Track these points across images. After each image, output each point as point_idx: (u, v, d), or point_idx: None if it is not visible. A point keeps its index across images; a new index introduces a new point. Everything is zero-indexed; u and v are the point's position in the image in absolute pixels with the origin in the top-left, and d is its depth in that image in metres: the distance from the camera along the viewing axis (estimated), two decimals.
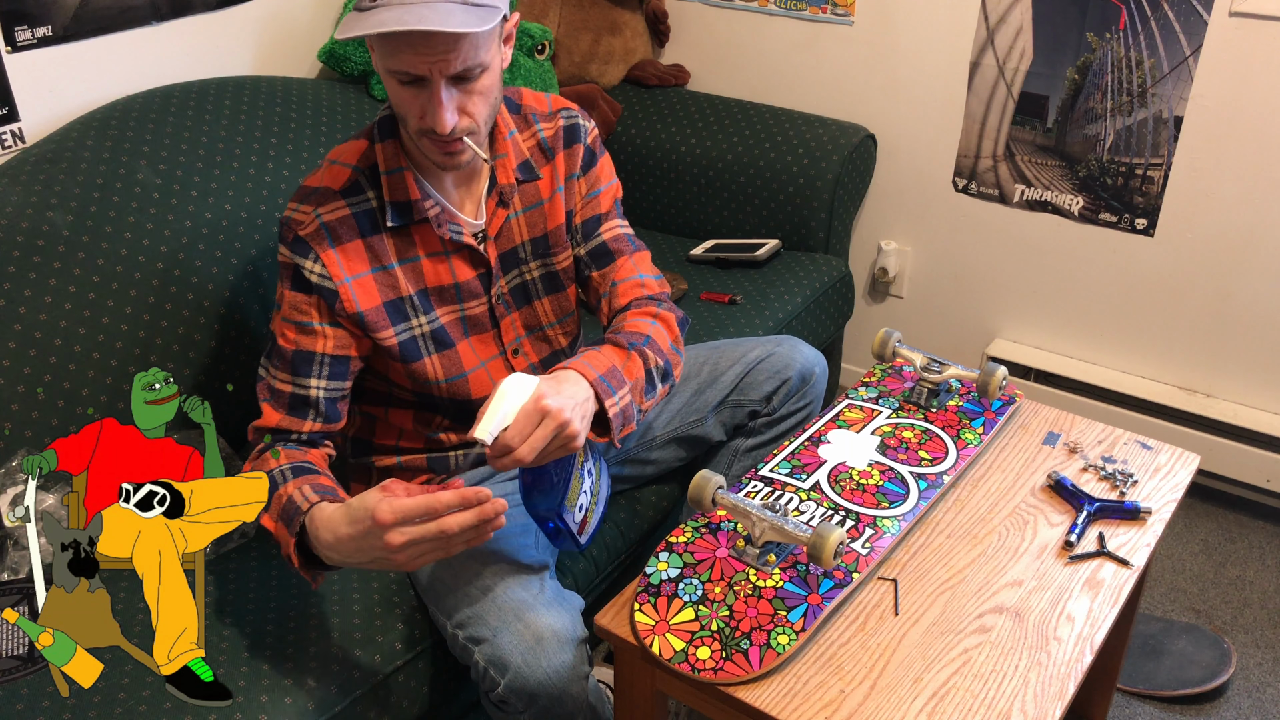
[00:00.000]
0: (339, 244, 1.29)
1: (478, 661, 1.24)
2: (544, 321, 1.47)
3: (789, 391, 1.59)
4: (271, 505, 1.21)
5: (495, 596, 1.26)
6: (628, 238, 1.49)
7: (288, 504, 1.19)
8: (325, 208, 1.29)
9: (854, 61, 2.34)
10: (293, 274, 1.30)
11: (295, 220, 1.29)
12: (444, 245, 1.35)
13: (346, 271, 1.29)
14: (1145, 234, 2.13)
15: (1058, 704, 1.12)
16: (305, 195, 1.31)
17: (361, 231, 1.30)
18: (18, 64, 1.68)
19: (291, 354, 1.30)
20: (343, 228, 1.29)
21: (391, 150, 1.31)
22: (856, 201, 2.34)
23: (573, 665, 1.23)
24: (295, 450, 1.29)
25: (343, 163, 1.32)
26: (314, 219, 1.29)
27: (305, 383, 1.30)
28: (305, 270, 1.28)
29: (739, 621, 1.17)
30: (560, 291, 1.48)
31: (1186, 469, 1.48)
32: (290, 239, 1.29)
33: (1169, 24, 1.97)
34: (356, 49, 2.00)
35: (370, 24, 1.14)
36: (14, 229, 1.52)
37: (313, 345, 1.30)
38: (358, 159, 1.32)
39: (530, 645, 1.21)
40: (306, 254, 1.28)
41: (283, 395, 1.31)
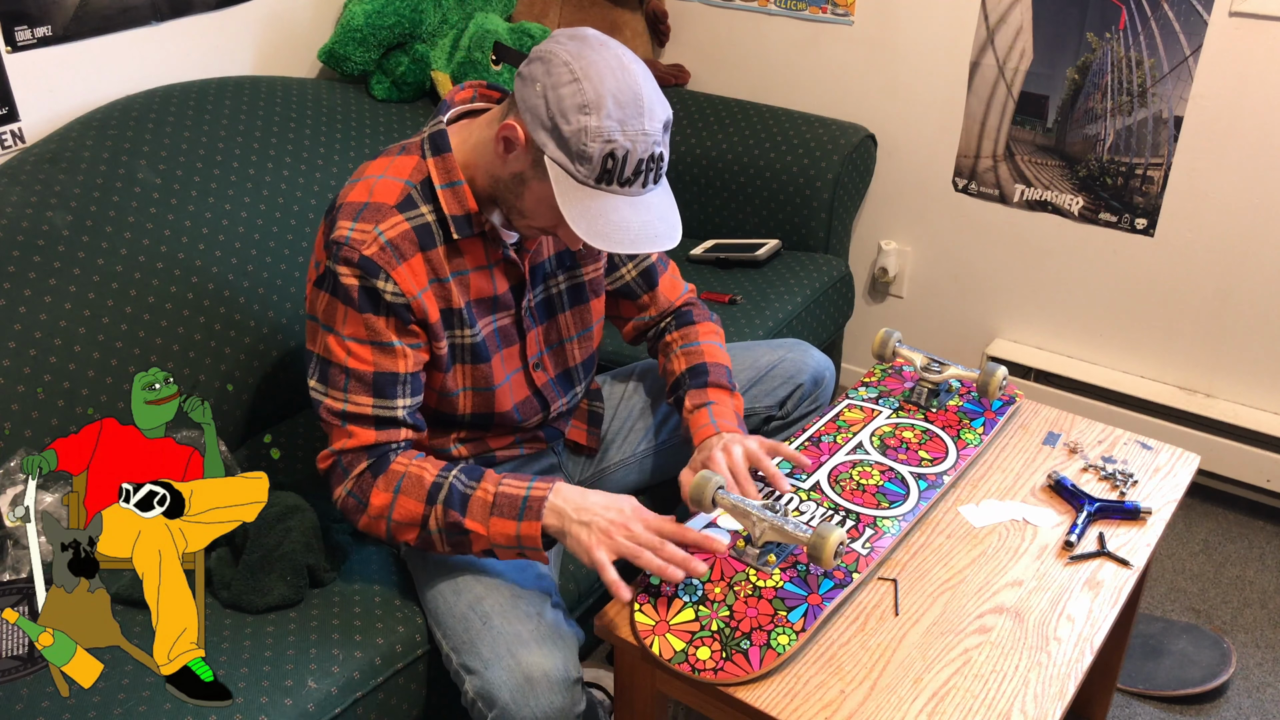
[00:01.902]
0: (404, 260, 1.25)
1: (467, 691, 1.22)
2: (564, 335, 1.47)
3: (802, 396, 1.60)
4: (471, 509, 1.23)
5: (491, 625, 1.24)
6: (660, 259, 1.55)
7: (503, 501, 1.23)
8: (384, 224, 1.25)
9: (854, 61, 2.34)
10: (361, 294, 1.24)
11: (356, 240, 1.23)
12: (489, 257, 1.33)
13: (416, 286, 1.26)
14: (1145, 234, 2.13)
15: (1058, 704, 1.12)
16: (357, 213, 1.26)
17: (421, 245, 1.27)
18: (18, 64, 1.68)
19: (373, 376, 1.26)
20: (404, 243, 1.25)
21: (445, 165, 1.28)
22: (856, 201, 2.34)
23: (562, 708, 1.20)
24: (423, 457, 1.28)
25: (393, 177, 1.28)
26: (375, 236, 1.24)
27: (392, 404, 1.27)
28: (378, 289, 1.24)
29: (739, 622, 1.17)
30: (583, 304, 1.48)
31: (1186, 469, 1.48)
32: (356, 259, 1.23)
33: (1169, 24, 1.97)
34: (357, 49, 2.00)
35: (612, 232, 1.18)
36: (14, 229, 1.52)
37: (394, 366, 1.27)
38: (410, 173, 1.29)
39: (520, 684, 1.19)
40: (377, 274, 1.23)
41: (366, 417, 1.27)
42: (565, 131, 1.15)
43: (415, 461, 1.27)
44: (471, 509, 1.23)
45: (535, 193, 1.22)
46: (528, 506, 1.22)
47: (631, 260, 1.51)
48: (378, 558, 1.44)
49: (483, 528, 1.22)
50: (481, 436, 1.44)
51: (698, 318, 1.54)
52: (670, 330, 1.54)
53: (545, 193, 1.21)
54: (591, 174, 1.17)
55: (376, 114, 2.03)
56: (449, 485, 1.24)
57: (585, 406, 1.59)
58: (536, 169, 1.20)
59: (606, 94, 1.15)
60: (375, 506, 1.26)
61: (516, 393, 1.42)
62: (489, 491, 1.23)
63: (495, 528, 1.22)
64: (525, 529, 1.21)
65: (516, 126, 1.20)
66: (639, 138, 1.17)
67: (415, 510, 1.24)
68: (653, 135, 1.18)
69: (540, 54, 1.19)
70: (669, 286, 1.55)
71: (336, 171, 1.87)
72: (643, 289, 1.53)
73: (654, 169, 1.21)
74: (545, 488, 1.23)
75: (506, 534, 1.22)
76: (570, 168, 1.17)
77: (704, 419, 1.40)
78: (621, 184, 1.18)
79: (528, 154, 1.20)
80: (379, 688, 1.29)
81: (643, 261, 1.52)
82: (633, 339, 1.59)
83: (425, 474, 1.25)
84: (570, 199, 1.18)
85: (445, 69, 2.11)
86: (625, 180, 1.18)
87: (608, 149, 1.15)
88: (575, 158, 1.16)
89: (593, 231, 1.17)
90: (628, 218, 1.19)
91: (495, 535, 1.22)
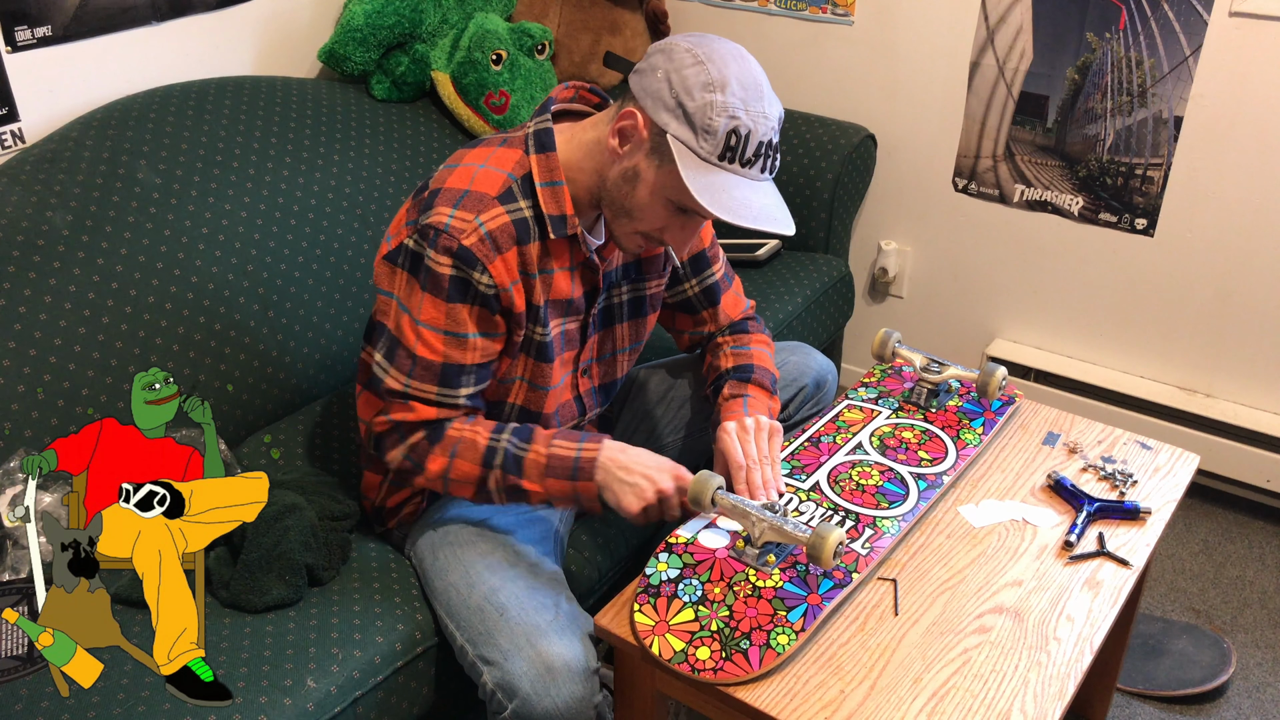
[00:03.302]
0: (501, 252, 1.26)
1: (486, 683, 1.23)
2: (618, 346, 1.48)
3: (805, 398, 1.61)
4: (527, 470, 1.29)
5: (509, 617, 1.25)
6: (725, 275, 1.56)
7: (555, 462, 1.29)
8: (486, 214, 1.25)
9: (854, 61, 2.34)
10: (453, 283, 1.25)
11: (456, 228, 1.24)
12: (573, 260, 1.34)
13: (509, 278, 1.27)
14: (1145, 234, 2.13)
15: (1057, 704, 1.12)
16: (457, 200, 1.26)
17: (518, 240, 1.28)
18: (18, 64, 1.68)
19: (440, 366, 1.28)
20: (503, 235, 1.26)
21: (549, 164, 1.29)
22: (856, 201, 2.34)
23: (582, 697, 1.21)
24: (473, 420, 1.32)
25: (496, 168, 1.29)
26: (476, 226, 1.24)
27: (454, 394, 1.30)
28: (473, 280, 1.25)
29: (739, 622, 1.17)
30: (640, 318, 1.49)
31: (1186, 469, 1.48)
32: (455, 248, 1.24)
33: (1169, 24, 1.97)
34: (357, 49, 2.00)
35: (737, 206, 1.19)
36: (14, 229, 1.52)
37: (463, 358, 1.29)
38: (513, 166, 1.29)
39: (540, 674, 1.20)
40: (474, 265, 1.24)
41: (429, 401, 1.30)
42: (690, 107, 1.18)
43: (468, 425, 1.31)
44: (527, 471, 1.29)
45: (649, 185, 1.24)
46: (580, 468, 1.28)
47: (696, 277, 1.53)
48: (377, 556, 1.45)
49: (540, 487, 1.29)
50: None
51: (753, 328, 1.56)
52: (723, 334, 1.56)
53: (661, 182, 1.23)
54: (715, 150, 1.19)
55: (376, 114, 2.03)
56: (503, 450, 1.29)
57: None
58: (654, 156, 1.22)
59: (731, 76, 1.19)
60: (432, 471, 1.31)
61: (563, 395, 1.43)
62: (541, 454, 1.29)
63: (551, 487, 1.29)
64: (582, 488, 1.29)
65: (637, 114, 1.22)
66: (760, 119, 1.20)
67: (472, 472, 1.29)
68: (772, 120, 1.21)
69: (659, 48, 1.23)
70: (731, 304, 1.56)
71: (336, 172, 1.87)
72: (703, 305, 1.55)
73: (772, 156, 1.23)
74: (594, 449, 1.29)
75: (563, 491, 1.29)
76: (694, 144, 1.19)
77: (737, 406, 1.42)
78: (743, 164, 1.20)
79: (647, 141, 1.22)
80: (378, 686, 1.29)
81: (707, 279, 1.53)
82: (688, 348, 1.61)
83: (479, 437, 1.29)
84: (694, 174, 1.19)
85: (445, 69, 2.11)
86: (747, 161, 1.20)
87: (732, 125, 1.18)
88: (700, 132, 1.18)
89: (717, 203, 1.19)
90: (749, 196, 1.21)
91: (553, 492, 1.29)
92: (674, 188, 1.22)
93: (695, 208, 1.22)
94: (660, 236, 1.29)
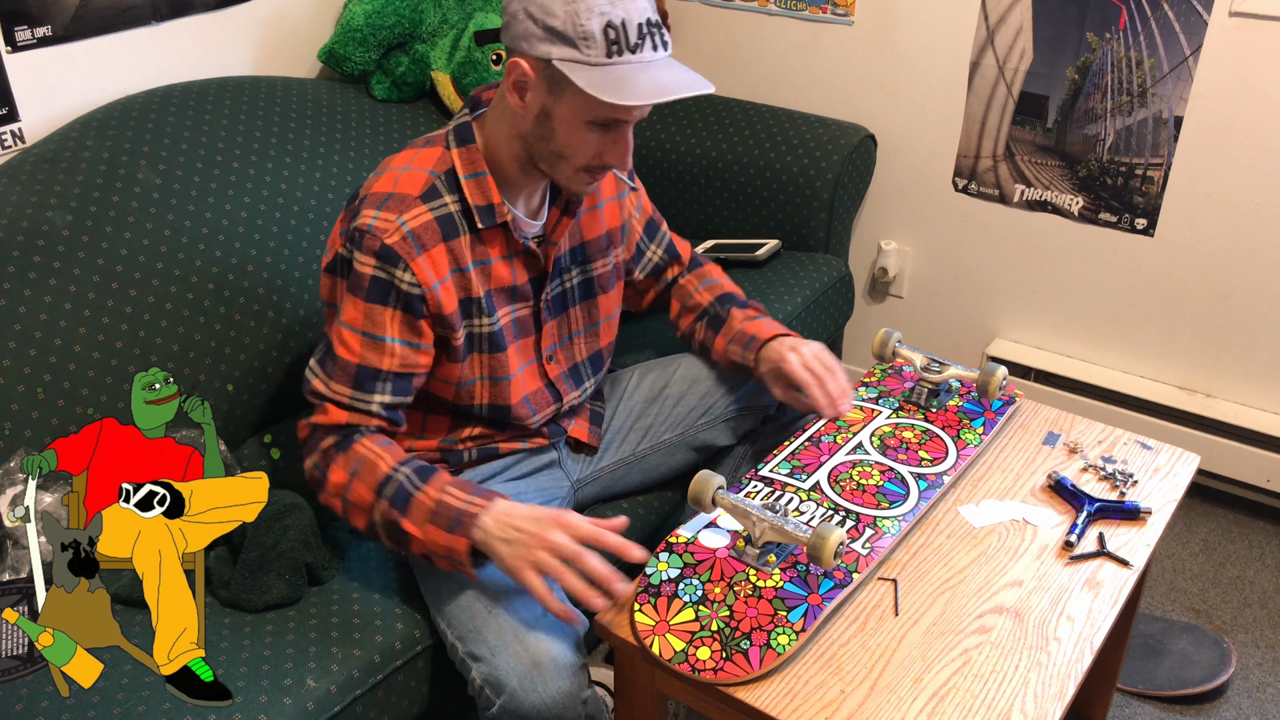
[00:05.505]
0: (425, 250, 1.27)
1: (474, 679, 1.23)
2: (574, 329, 1.49)
3: None
4: (411, 511, 1.23)
5: (497, 613, 1.25)
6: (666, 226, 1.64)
7: (441, 509, 1.22)
8: (408, 214, 1.26)
9: (854, 61, 2.34)
10: (373, 284, 1.26)
11: (379, 228, 1.25)
12: (510, 248, 1.35)
13: (434, 277, 1.28)
14: (1145, 234, 2.13)
15: (1058, 704, 1.12)
16: (381, 202, 1.27)
17: (444, 235, 1.29)
18: (18, 64, 1.68)
19: (355, 368, 1.28)
20: (426, 233, 1.27)
21: (470, 156, 1.31)
22: (856, 201, 2.34)
23: (570, 692, 1.21)
24: (386, 445, 1.29)
25: (418, 169, 1.30)
26: (398, 225, 1.25)
27: (368, 399, 1.29)
28: (395, 279, 1.25)
29: (739, 622, 1.17)
30: (590, 299, 1.49)
31: (1186, 469, 1.48)
32: (376, 248, 1.25)
33: (1169, 24, 1.97)
34: (357, 49, 2.00)
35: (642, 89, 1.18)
36: (14, 229, 1.52)
37: (379, 362, 1.28)
38: (434, 164, 1.31)
39: (528, 669, 1.20)
40: (395, 263, 1.25)
41: (341, 403, 1.29)
42: (559, 26, 1.18)
43: (377, 447, 1.28)
44: (412, 511, 1.23)
45: (562, 118, 1.24)
46: (460, 520, 1.21)
47: (654, 242, 1.58)
48: (376, 556, 1.44)
49: (420, 531, 1.23)
50: (493, 435, 1.45)
51: (704, 262, 1.65)
52: (682, 276, 1.62)
53: (571, 109, 1.23)
54: (601, 50, 1.18)
55: (376, 114, 2.03)
56: (398, 482, 1.24)
57: (588, 406, 1.59)
58: (553, 89, 1.22)
59: None
60: (333, 483, 1.28)
61: (529, 384, 1.43)
62: (431, 496, 1.23)
63: (430, 535, 1.22)
64: (452, 542, 1.21)
65: (520, 61, 1.22)
66: (628, 4, 1.19)
67: (365, 498, 1.26)
68: (639, 3, 1.20)
69: None
70: (683, 248, 1.64)
71: (336, 172, 1.87)
72: (668, 261, 1.61)
73: (657, 32, 1.22)
74: (482, 505, 1.22)
75: (439, 544, 1.22)
76: (579, 56, 1.19)
77: (764, 325, 1.51)
78: (632, 50, 1.20)
79: (540, 80, 1.22)
80: (378, 685, 1.29)
81: (663, 239, 1.60)
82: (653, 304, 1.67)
83: (381, 463, 1.26)
84: (594, 82, 1.18)
85: (445, 69, 2.11)
86: (634, 46, 1.20)
87: (604, 20, 1.17)
88: (579, 41, 1.18)
89: (627, 94, 1.18)
90: (655, 75, 1.21)
91: (430, 543, 1.23)
92: (584, 106, 1.22)
93: (612, 113, 1.22)
94: (600, 162, 1.29)
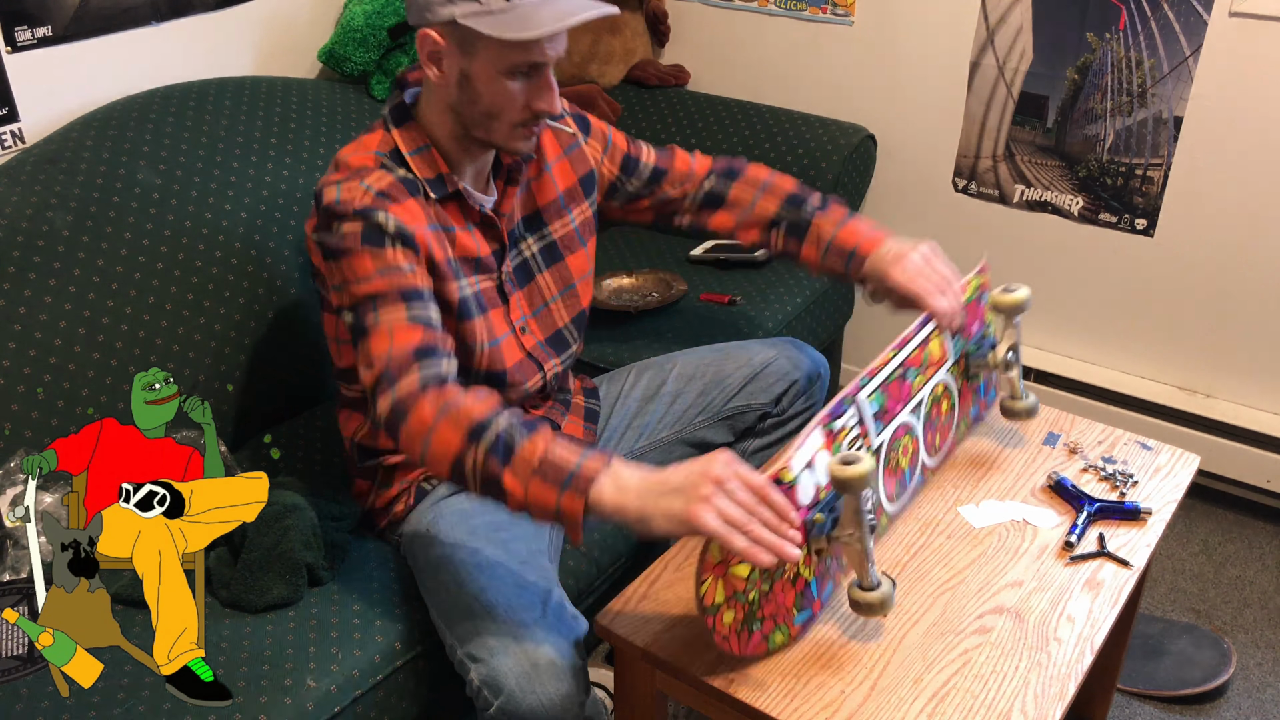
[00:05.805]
0: (397, 202, 1.26)
1: (473, 680, 1.22)
2: (547, 297, 1.49)
3: (797, 392, 1.61)
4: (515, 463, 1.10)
5: (496, 615, 1.24)
6: (658, 150, 1.58)
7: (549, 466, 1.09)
8: (369, 178, 1.26)
9: (854, 61, 2.34)
10: (365, 234, 1.22)
11: (346, 199, 1.24)
12: (469, 217, 1.36)
13: (414, 222, 1.26)
14: (1145, 234, 2.13)
15: (1058, 704, 1.12)
16: (339, 182, 1.27)
17: (410, 193, 1.28)
18: (18, 64, 1.68)
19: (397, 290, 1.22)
20: (394, 190, 1.26)
21: (412, 133, 1.32)
22: (856, 202, 2.34)
23: (568, 694, 1.20)
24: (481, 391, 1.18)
25: (364, 151, 1.31)
26: (364, 190, 1.25)
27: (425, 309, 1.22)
28: (382, 225, 1.23)
29: (767, 602, 1.15)
30: (559, 262, 1.49)
31: (1186, 469, 1.48)
32: (351, 211, 1.23)
33: (1169, 24, 1.97)
34: (357, 49, 2.00)
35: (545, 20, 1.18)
36: (14, 229, 1.52)
37: (413, 280, 1.23)
38: (378, 145, 1.31)
39: (526, 671, 1.19)
40: (375, 214, 1.23)
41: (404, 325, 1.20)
42: None
43: (470, 392, 1.17)
44: (515, 463, 1.11)
45: (481, 75, 1.24)
46: (573, 480, 1.08)
47: (633, 176, 1.55)
48: (376, 556, 1.45)
49: (520, 488, 1.11)
50: None
51: (740, 166, 1.59)
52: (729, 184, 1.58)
53: (486, 63, 1.23)
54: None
55: (376, 114, 2.03)
56: (498, 429, 1.12)
57: (582, 404, 1.59)
58: (464, 48, 1.23)
59: None
60: (418, 420, 1.15)
61: (509, 356, 1.43)
62: (537, 450, 1.11)
63: (534, 492, 1.10)
64: (567, 502, 1.09)
65: (428, 32, 1.24)
66: None
67: (453, 442, 1.13)
68: None
69: None
70: (683, 160, 1.58)
71: None
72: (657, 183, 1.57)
73: None
74: (598, 466, 1.09)
75: (545, 503, 1.10)
76: (480, 6, 1.19)
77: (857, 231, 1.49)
78: None
79: (451, 44, 1.24)
80: (378, 685, 1.29)
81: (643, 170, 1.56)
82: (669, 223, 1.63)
83: (476, 408, 1.14)
84: (500, 27, 1.19)
85: None
86: None
87: None
88: None
89: (533, 27, 1.19)
90: (555, 7, 1.20)
91: (533, 500, 1.11)
92: (496, 56, 1.23)
93: (525, 55, 1.23)
94: (530, 112, 1.28)
